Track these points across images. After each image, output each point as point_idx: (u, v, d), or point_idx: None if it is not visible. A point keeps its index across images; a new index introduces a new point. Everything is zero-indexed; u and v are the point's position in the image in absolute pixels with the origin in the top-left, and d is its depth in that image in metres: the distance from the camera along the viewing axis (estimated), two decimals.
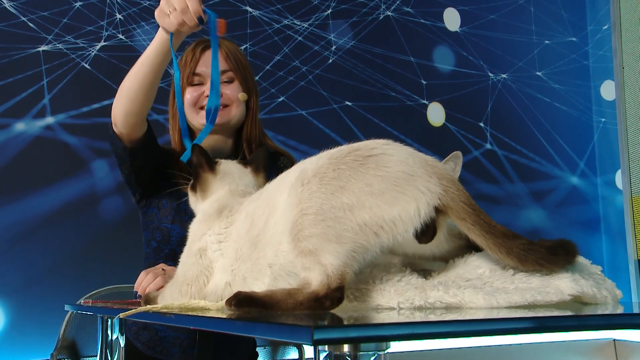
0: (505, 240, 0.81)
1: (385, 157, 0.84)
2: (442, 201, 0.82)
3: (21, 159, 2.61)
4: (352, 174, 0.82)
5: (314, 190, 0.83)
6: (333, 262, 0.81)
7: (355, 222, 0.81)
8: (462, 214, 0.82)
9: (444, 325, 0.68)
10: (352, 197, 0.81)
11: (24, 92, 2.66)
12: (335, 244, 0.81)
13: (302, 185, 0.85)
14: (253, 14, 3.14)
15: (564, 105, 3.85)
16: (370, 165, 0.82)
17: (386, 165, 0.82)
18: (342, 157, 0.85)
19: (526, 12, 3.85)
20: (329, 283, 0.80)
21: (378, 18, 3.46)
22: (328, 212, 0.81)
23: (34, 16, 2.71)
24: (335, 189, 0.82)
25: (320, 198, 0.82)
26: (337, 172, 0.83)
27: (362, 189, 0.81)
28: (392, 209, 0.80)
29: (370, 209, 0.81)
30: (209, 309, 0.94)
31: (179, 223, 1.67)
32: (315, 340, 0.57)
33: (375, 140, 0.89)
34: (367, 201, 0.81)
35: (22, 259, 2.54)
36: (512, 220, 3.57)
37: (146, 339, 1.66)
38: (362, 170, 0.82)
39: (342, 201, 0.81)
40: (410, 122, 3.45)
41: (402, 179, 0.81)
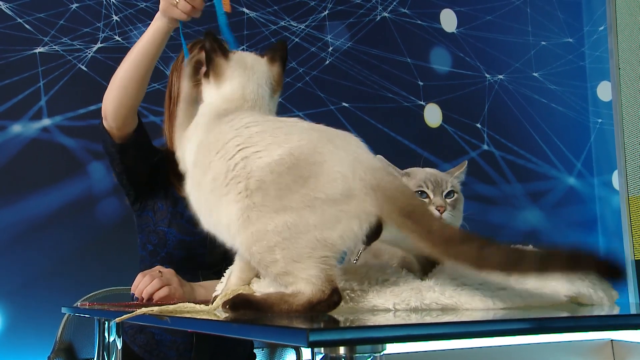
0: (449, 246, 0.77)
1: (324, 175, 0.83)
2: (380, 215, 0.82)
3: (18, 161, 2.60)
4: (293, 195, 0.82)
5: (259, 208, 0.84)
6: (312, 273, 0.81)
7: (307, 239, 0.81)
8: (399, 224, 0.81)
9: (440, 327, 0.68)
10: (297, 217, 0.81)
11: (21, 94, 2.65)
12: (301, 262, 0.81)
13: (246, 194, 0.85)
14: (250, 15, 3.15)
15: (560, 106, 3.85)
16: (310, 186, 0.82)
17: (325, 186, 0.82)
18: (283, 172, 0.84)
19: (522, 13, 3.86)
20: (321, 289, 0.80)
21: (375, 19, 3.46)
22: (278, 235, 0.82)
23: (30, 18, 2.70)
24: (279, 207, 0.82)
25: (266, 218, 0.83)
26: (279, 192, 0.83)
27: (305, 210, 0.82)
28: (335, 228, 0.81)
29: (315, 228, 0.81)
30: (201, 311, 0.94)
31: (176, 226, 1.66)
32: (310, 343, 0.57)
33: (322, 134, 0.89)
34: (311, 220, 0.81)
35: (19, 261, 2.53)
36: (509, 221, 3.58)
37: (143, 342, 1.65)
38: (303, 191, 0.82)
39: (288, 221, 0.81)
40: (407, 123, 3.45)
41: (340, 200, 0.82)
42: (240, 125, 0.94)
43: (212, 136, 0.97)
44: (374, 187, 0.82)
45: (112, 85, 1.54)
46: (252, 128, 0.92)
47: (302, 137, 0.87)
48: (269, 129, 0.91)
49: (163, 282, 1.45)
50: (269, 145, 0.87)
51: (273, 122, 0.94)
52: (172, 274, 1.50)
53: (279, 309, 0.82)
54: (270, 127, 0.92)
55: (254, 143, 0.89)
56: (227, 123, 0.97)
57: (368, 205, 0.81)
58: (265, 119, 0.97)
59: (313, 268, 0.81)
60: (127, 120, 1.57)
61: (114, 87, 1.53)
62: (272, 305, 0.82)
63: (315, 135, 0.88)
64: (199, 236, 1.67)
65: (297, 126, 0.92)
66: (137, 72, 1.50)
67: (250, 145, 0.89)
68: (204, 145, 0.98)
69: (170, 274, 1.49)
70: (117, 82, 1.53)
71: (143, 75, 1.50)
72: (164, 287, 1.44)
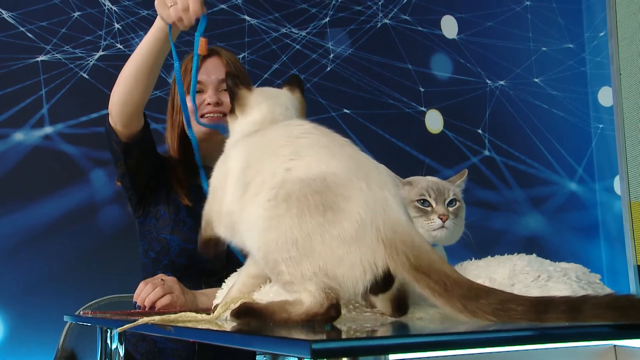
0: (467, 303, 0.73)
1: (344, 212, 0.82)
2: (390, 269, 0.81)
3: (20, 169, 2.61)
4: (311, 219, 0.82)
5: (280, 219, 0.84)
6: (313, 289, 0.82)
7: (312, 264, 0.82)
8: (414, 279, 0.79)
9: (442, 336, 0.68)
10: (307, 241, 0.82)
11: (23, 102, 2.66)
12: (304, 280, 0.82)
13: (275, 203, 0.85)
14: (251, 22, 3.15)
15: (561, 111, 3.86)
16: (328, 218, 0.82)
17: (341, 223, 0.82)
18: (310, 193, 0.84)
19: (523, 19, 3.87)
20: (320, 302, 0.81)
21: (376, 26, 3.47)
22: (286, 252, 0.83)
23: (33, 26, 2.72)
24: (295, 225, 0.83)
25: (281, 231, 0.83)
26: (300, 210, 0.83)
27: (316, 237, 0.82)
28: (338, 266, 0.81)
29: (320, 257, 0.81)
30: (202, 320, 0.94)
31: (178, 234, 1.67)
32: (313, 353, 0.57)
33: (362, 168, 0.87)
34: (318, 249, 0.82)
35: (22, 269, 2.53)
36: (511, 227, 3.57)
37: (145, 350, 1.65)
38: (320, 219, 0.82)
39: (298, 242, 0.82)
40: (408, 129, 3.45)
41: (350, 243, 0.81)
42: (295, 134, 0.95)
43: (269, 135, 0.98)
44: (388, 241, 0.81)
45: (118, 83, 1.55)
46: (302, 140, 0.93)
47: (341, 165, 0.87)
48: (317, 145, 0.91)
49: (165, 290, 1.45)
50: (309, 162, 0.87)
51: (323, 138, 0.94)
52: (174, 282, 1.50)
53: (279, 317, 0.83)
54: (319, 144, 0.92)
55: (297, 157, 0.89)
56: (284, 127, 0.99)
57: (377, 257, 0.81)
58: (318, 132, 0.96)
59: (314, 285, 0.82)
60: (132, 118, 1.58)
61: (120, 84, 1.54)
62: (273, 313, 0.84)
63: (355, 166, 0.87)
64: None
65: (343, 151, 0.91)
66: (141, 70, 1.50)
67: (295, 158, 0.89)
68: (260, 142, 0.99)
69: (173, 282, 1.49)
70: (122, 80, 1.54)
71: (147, 73, 1.51)
72: (166, 295, 1.44)
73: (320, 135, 0.95)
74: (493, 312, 0.70)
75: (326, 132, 0.96)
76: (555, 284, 0.85)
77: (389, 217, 0.82)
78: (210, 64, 1.72)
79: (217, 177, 1.08)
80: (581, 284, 0.87)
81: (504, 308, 0.70)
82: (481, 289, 0.74)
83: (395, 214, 0.82)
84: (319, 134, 0.95)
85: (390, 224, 0.81)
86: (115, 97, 1.55)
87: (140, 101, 1.56)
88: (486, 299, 0.72)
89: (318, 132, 0.95)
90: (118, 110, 1.56)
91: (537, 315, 0.69)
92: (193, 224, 1.68)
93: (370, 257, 0.81)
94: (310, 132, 0.95)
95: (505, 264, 0.96)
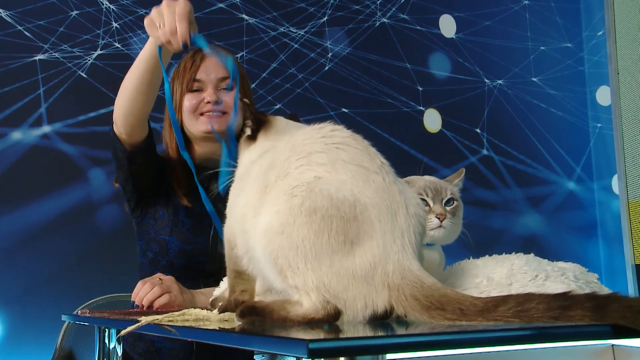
0: (486, 314, 0.74)
1: (360, 248, 0.82)
2: (397, 311, 0.81)
3: (18, 168, 2.60)
4: (327, 241, 0.82)
5: (296, 228, 0.83)
6: (314, 296, 0.82)
7: (316, 278, 0.82)
8: (427, 315, 0.79)
9: (440, 335, 0.68)
10: (316, 258, 0.82)
11: (21, 101, 2.66)
12: (306, 287, 0.82)
13: (297, 211, 0.83)
14: (249, 21, 3.15)
15: (560, 110, 3.86)
16: (343, 248, 0.81)
17: (354, 258, 0.81)
18: (335, 216, 0.82)
19: (521, 19, 3.87)
20: (318, 307, 0.82)
21: (374, 25, 3.47)
22: (294, 262, 0.82)
23: (30, 25, 2.71)
24: (308, 239, 0.82)
25: (294, 240, 0.82)
26: (319, 228, 0.82)
27: (325, 259, 0.81)
28: (342, 290, 0.81)
29: (325, 276, 0.81)
30: (210, 320, 0.95)
31: (177, 235, 1.66)
32: (310, 353, 0.57)
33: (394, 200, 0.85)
34: (325, 269, 0.81)
35: (19, 268, 2.53)
36: (509, 226, 3.58)
37: (142, 350, 1.65)
38: (336, 248, 0.82)
39: (308, 256, 0.82)
40: (406, 128, 3.45)
41: (357, 278, 0.81)
42: (333, 142, 0.91)
43: (300, 136, 0.94)
44: (395, 286, 0.81)
45: (120, 94, 1.54)
46: (340, 151, 0.89)
47: (374, 197, 0.84)
48: (355, 162, 0.88)
49: (163, 289, 1.45)
50: (344, 180, 0.85)
51: (362, 156, 0.89)
52: (172, 281, 1.50)
53: (278, 316, 0.84)
54: (357, 161, 0.88)
55: (332, 169, 0.86)
56: (318, 130, 0.94)
57: (379, 299, 0.81)
58: (356, 145, 0.91)
59: (315, 295, 0.82)
60: (136, 128, 1.57)
61: (122, 95, 1.54)
62: (272, 311, 0.84)
63: (387, 202, 0.85)
64: (200, 245, 1.67)
65: (380, 177, 0.87)
66: (140, 82, 1.50)
67: (329, 170, 0.86)
68: (290, 143, 0.94)
69: (171, 281, 1.49)
70: (123, 92, 1.53)
71: (147, 85, 1.50)
72: (165, 295, 1.44)
73: (360, 151, 0.90)
74: (514, 314, 0.71)
75: (364, 145, 0.92)
76: (552, 283, 0.85)
77: (402, 264, 0.82)
78: (210, 62, 1.71)
79: (236, 194, 1.04)
80: (579, 284, 0.87)
81: (524, 310, 0.71)
82: (496, 300, 0.74)
83: (408, 262, 0.82)
84: (358, 149, 0.90)
85: (401, 271, 0.81)
86: (118, 108, 1.55)
87: (143, 111, 1.55)
88: (504, 306, 0.72)
89: (356, 144, 0.91)
90: (122, 121, 1.55)
91: (559, 311, 0.69)
92: (192, 225, 1.68)
93: (374, 297, 0.81)
94: (348, 143, 0.91)
95: (503, 263, 0.96)
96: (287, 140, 0.96)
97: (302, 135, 0.94)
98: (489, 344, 0.68)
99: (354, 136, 0.94)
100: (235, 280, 0.99)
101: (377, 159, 0.90)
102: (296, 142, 0.93)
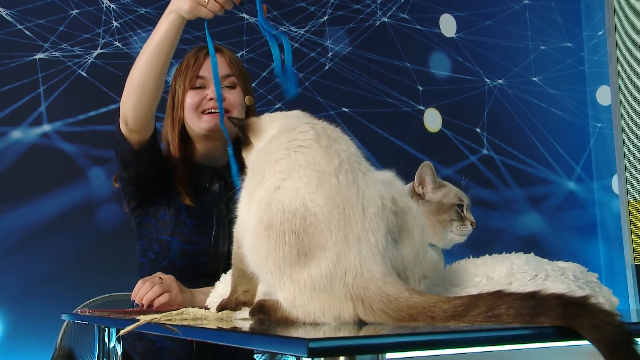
0: (457, 318, 0.73)
1: (316, 260, 0.81)
2: (367, 322, 0.80)
3: (18, 167, 2.60)
4: (285, 260, 0.82)
5: (261, 242, 0.83)
6: None
7: (287, 291, 0.82)
8: (401, 323, 0.78)
9: (439, 334, 0.68)
10: (279, 275, 0.82)
11: (21, 100, 2.66)
12: None
13: (260, 225, 0.84)
14: (249, 21, 3.15)
15: (560, 110, 3.86)
16: (300, 261, 0.81)
17: (312, 270, 0.80)
18: (288, 231, 0.81)
19: (522, 18, 3.87)
20: None
21: (374, 24, 3.47)
22: (270, 274, 0.83)
23: (31, 24, 2.71)
24: (272, 257, 0.82)
25: (263, 256, 0.83)
26: (277, 245, 0.82)
27: (286, 275, 0.82)
28: (309, 305, 0.81)
29: (291, 292, 0.82)
30: (208, 319, 0.95)
31: (179, 235, 1.65)
32: (310, 352, 0.57)
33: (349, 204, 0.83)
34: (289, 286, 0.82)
35: (19, 267, 2.53)
36: (509, 226, 3.58)
37: (142, 349, 1.65)
38: (292, 262, 0.81)
39: (273, 270, 0.82)
40: (406, 128, 3.45)
41: (318, 291, 0.80)
42: (294, 145, 0.88)
43: (273, 142, 0.93)
44: (359, 297, 0.79)
45: (130, 88, 1.52)
46: (299, 155, 0.87)
47: (326, 204, 0.82)
48: (310, 166, 0.85)
49: (163, 288, 1.45)
50: (298, 188, 0.83)
51: (320, 156, 0.86)
52: (172, 280, 1.50)
53: (281, 314, 0.84)
54: (313, 164, 0.85)
55: (289, 177, 0.85)
56: (290, 132, 0.92)
57: (344, 311, 0.80)
58: (317, 146, 0.88)
59: (285, 304, 0.83)
60: (148, 122, 1.56)
61: (132, 89, 1.51)
62: (277, 310, 0.85)
63: (340, 207, 0.82)
64: (202, 245, 1.67)
65: (336, 179, 0.84)
66: (154, 69, 1.49)
67: (286, 178, 0.85)
68: (266, 149, 0.94)
69: (171, 281, 1.49)
70: (134, 85, 1.51)
71: (160, 72, 1.50)
72: (165, 294, 1.44)
73: (318, 151, 0.87)
74: (485, 319, 0.71)
75: (328, 144, 0.88)
76: (552, 283, 0.85)
77: (361, 273, 0.79)
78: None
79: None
80: (579, 283, 0.87)
81: (495, 314, 0.70)
82: (467, 303, 0.73)
83: (369, 270, 0.79)
84: (318, 150, 0.87)
85: (361, 281, 0.79)
86: (130, 103, 1.52)
87: (155, 102, 1.54)
88: (474, 310, 0.72)
89: (318, 145, 0.87)
90: (134, 117, 1.53)
91: (528, 318, 0.68)
92: (194, 225, 1.67)
93: (338, 310, 0.80)
94: (309, 145, 0.87)
95: (503, 262, 0.96)
96: (264, 147, 0.96)
97: (275, 142, 0.92)
98: (486, 343, 0.68)
99: (320, 134, 0.90)
100: (239, 280, 1.00)
101: (337, 159, 0.86)
102: (268, 149, 0.92)
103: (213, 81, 1.68)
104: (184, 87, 1.69)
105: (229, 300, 1.01)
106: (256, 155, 0.99)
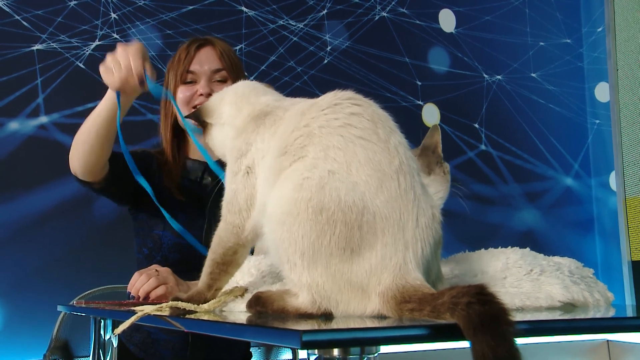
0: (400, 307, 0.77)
1: (362, 258, 0.80)
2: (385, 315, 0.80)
3: (14, 159, 2.60)
4: (327, 247, 0.80)
5: (300, 222, 0.81)
6: (310, 296, 0.82)
7: (311, 277, 0.81)
8: None
9: (433, 328, 0.68)
10: (312, 260, 0.81)
11: (18, 91, 2.65)
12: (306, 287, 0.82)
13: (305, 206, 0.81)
14: (248, 14, 3.14)
15: (558, 106, 3.85)
16: (343, 255, 0.80)
17: (354, 266, 0.80)
18: (341, 222, 0.79)
19: (521, 14, 3.86)
20: (315, 304, 0.81)
21: (373, 19, 3.46)
22: (295, 255, 0.81)
23: (28, 15, 2.70)
24: (310, 241, 0.80)
25: (297, 236, 0.81)
26: (323, 232, 0.80)
27: (322, 262, 0.80)
28: (335, 294, 0.80)
29: (321, 278, 0.81)
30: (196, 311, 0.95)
31: (170, 229, 1.66)
32: (303, 344, 0.58)
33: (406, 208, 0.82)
34: (320, 270, 0.81)
35: (16, 259, 2.53)
36: (506, 221, 3.58)
37: (138, 341, 1.65)
38: (335, 252, 0.79)
39: (306, 254, 0.81)
40: (405, 122, 3.41)
41: (352, 285, 0.80)
42: (352, 133, 0.86)
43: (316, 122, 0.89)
44: (391, 297, 0.78)
45: (76, 148, 1.54)
46: (358, 148, 0.84)
47: (385, 206, 0.81)
48: (372, 163, 0.83)
49: (160, 280, 1.45)
50: (357, 182, 0.81)
51: (382, 156, 0.84)
52: (168, 273, 1.50)
53: (277, 305, 0.85)
54: (375, 161, 0.83)
55: (349, 167, 0.82)
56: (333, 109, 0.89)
57: (370, 306, 0.80)
58: (377, 140, 0.86)
59: (308, 293, 0.82)
60: (98, 172, 1.58)
61: (77, 150, 1.53)
62: (273, 302, 0.85)
63: (397, 211, 0.81)
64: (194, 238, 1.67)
65: (393, 185, 0.83)
66: (98, 136, 1.50)
67: (344, 169, 0.82)
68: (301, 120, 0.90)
69: (167, 273, 1.49)
70: (79, 147, 1.53)
71: (104, 137, 1.51)
72: (161, 286, 1.44)
73: (379, 145, 0.85)
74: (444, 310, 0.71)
75: (385, 137, 0.88)
76: (547, 278, 0.85)
77: (400, 277, 0.79)
78: (204, 54, 1.71)
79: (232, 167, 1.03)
80: (573, 279, 0.87)
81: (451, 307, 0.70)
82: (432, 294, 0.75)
83: (407, 275, 0.79)
84: (378, 144, 0.86)
85: (397, 283, 0.79)
86: (75, 161, 1.55)
87: (103, 159, 1.55)
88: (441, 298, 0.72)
89: (377, 138, 0.86)
90: (82, 172, 1.56)
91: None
92: (185, 219, 1.68)
93: (365, 303, 0.80)
94: (368, 137, 0.86)
95: (498, 257, 0.96)
96: (294, 122, 0.91)
97: (318, 121, 0.88)
98: None
99: (376, 120, 0.89)
100: (220, 276, 1.00)
101: (397, 158, 0.85)
102: (312, 129, 0.87)
103: (203, 76, 1.68)
104: (175, 82, 1.69)
105: (198, 294, 1.00)
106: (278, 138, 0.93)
